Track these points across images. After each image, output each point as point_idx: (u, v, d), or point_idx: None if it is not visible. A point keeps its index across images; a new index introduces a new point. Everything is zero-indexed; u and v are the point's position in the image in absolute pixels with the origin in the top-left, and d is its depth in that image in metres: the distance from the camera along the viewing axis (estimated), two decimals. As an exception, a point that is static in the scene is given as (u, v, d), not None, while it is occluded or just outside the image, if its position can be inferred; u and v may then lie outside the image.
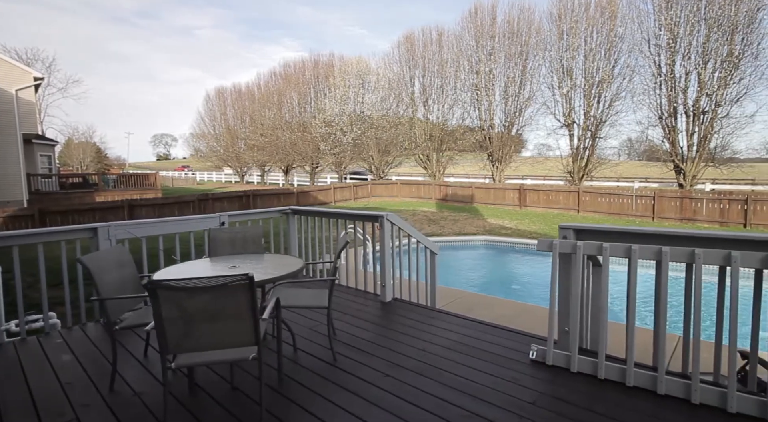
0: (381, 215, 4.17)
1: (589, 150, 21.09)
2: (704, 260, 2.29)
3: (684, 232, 2.48)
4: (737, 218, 14.04)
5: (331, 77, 26.96)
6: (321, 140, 25.68)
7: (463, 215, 17.41)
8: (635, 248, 2.49)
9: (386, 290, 4.18)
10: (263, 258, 3.30)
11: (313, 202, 20.69)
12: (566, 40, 20.64)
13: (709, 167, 18.01)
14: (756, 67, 16.51)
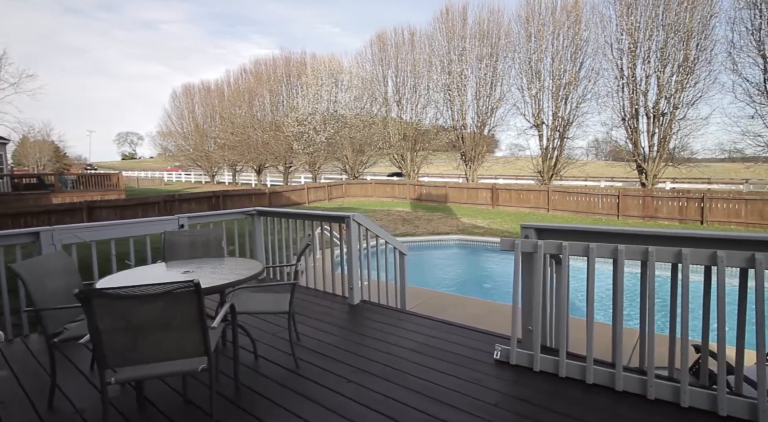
0: (347, 215, 4.09)
1: (558, 150, 21.69)
2: (657, 258, 2.34)
3: (639, 231, 2.53)
4: (695, 216, 14.77)
5: (303, 75, 26.57)
6: (294, 140, 25.26)
7: (437, 215, 17.54)
8: (593, 246, 2.52)
9: (354, 293, 4.10)
10: (222, 262, 3.16)
11: (287, 202, 20.35)
12: (534, 42, 21.15)
13: (668, 166, 18.88)
14: (710, 71, 17.44)
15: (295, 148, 25.28)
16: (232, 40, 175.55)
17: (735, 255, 2.13)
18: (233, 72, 33.39)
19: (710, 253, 2.19)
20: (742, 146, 17.35)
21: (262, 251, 5.08)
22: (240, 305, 2.84)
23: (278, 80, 28.27)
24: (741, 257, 2.12)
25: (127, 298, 1.75)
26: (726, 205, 14.32)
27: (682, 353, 2.32)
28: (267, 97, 28.93)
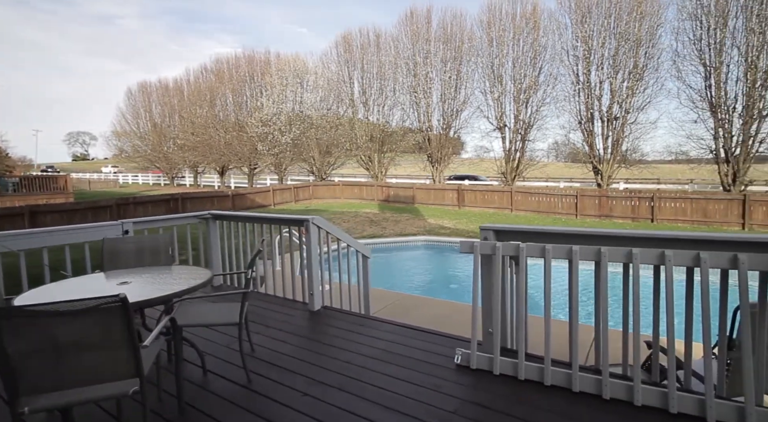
0: (306, 219, 3.94)
1: (520, 152, 22.35)
2: (609, 258, 2.38)
3: (593, 231, 2.56)
4: (646, 214, 15.62)
5: (267, 75, 25.93)
6: (258, 140, 24.56)
7: (404, 216, 17.58)
8: (549, 248, 2.53)
9: (314, 299, 3.96)
10: (169, 271, 2.93)
11: (251, 205, 19.74)
12: (496, 47, 21.71)
13: (622, 168, 19.90)
14: (657, 78, 18.57)
15: (259, 149, 24.60)
16: (195, 37, 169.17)
17: (682, 254, 2.18)
18: (193, 70, 32.15)
19: (659, 253, 2.23)
20: (687, 149, 18.58)
21: (219, 257, 4.83)
22: (186, 317, 2.64)
23: (241, 79, 27.43)
24: (687, 257, 2.17)
25: (43, 316, 1.55)
26: (673, 204, 15.24)
27: (634, 351, 2.37)
28: (230, 96, 28.02)
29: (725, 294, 2.20)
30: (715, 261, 2.11)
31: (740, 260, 2.04)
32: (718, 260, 2.10)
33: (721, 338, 2.32)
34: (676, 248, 2.21)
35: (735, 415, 2.00)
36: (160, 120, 36.26)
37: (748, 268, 2.04)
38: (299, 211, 19.37)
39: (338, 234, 4.28)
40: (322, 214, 18.26)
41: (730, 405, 2.03)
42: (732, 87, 16.58)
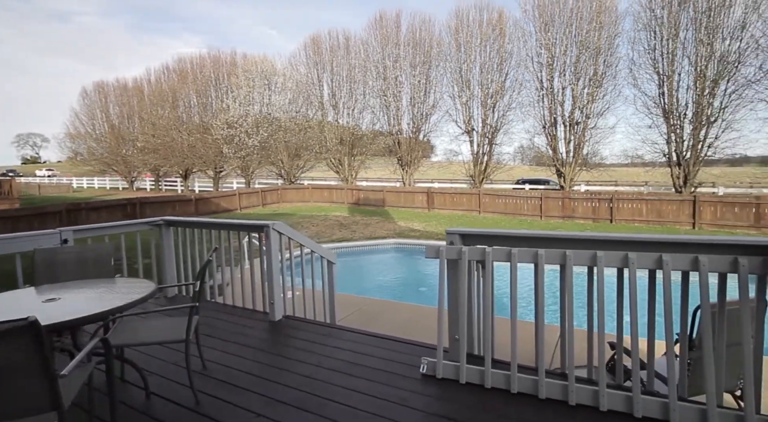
0: (266, 224, 3.74)
1: (488, 155, 22.79)
2: (575, 261, 2.35)
3: (558, 235, 2.53)
4: (605, 215, 16.25)
5: (233, 76, 25.18)
6: (224, 143, 23.77)
7: (374, 219, 17.47)
8: (515, 251, 2.48)
9: (275, 308, 3.76)
10: (107, 284, 2.67)
11: (216, 209, 19.04)
12: (463, 52, 22.08)
13: (583, 170, 20.66)
14: (615, 85, 19.46)
15: (225, 152, 23.79)
16: (159, 36, 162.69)
17: (645, 257, 2.18)
18: (154, 70, 30.74)
19: (622, 255, 2.22)
20: (642, 153, 19.54)
21: (173, 267, 4.52)
22: (124, 335, 2.39)
23: (206, 80, 26.49)
24: (650, 259, 2.17)
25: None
26: (630, 205, 15.94)
27: (598, 354, 2.35)
28: (194, 97, 27.00)
29: (686, 295, 2.22)
30: (677, 263, 2.11)
31: (701, 262, 2.05)
32: (679, 262, 2.11)
33: (682, 339, 2.33)
34: (639, 251, 2.22)
35: (697, 417, 2.00)
36: (118, 122, 34.45)
37: (709, 270, 2.05)
38: (266, 215, 18.86)
39: (301, 240, 4.10)
40: (291, 218, 17.87)
41: (692, 407, 2.03)
42: (683, 94, 17.61)
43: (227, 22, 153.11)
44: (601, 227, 15.29)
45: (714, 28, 16.33)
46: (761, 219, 13.95)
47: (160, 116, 26.18)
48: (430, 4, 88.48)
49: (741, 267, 1.99)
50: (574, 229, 14.84)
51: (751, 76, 16.37)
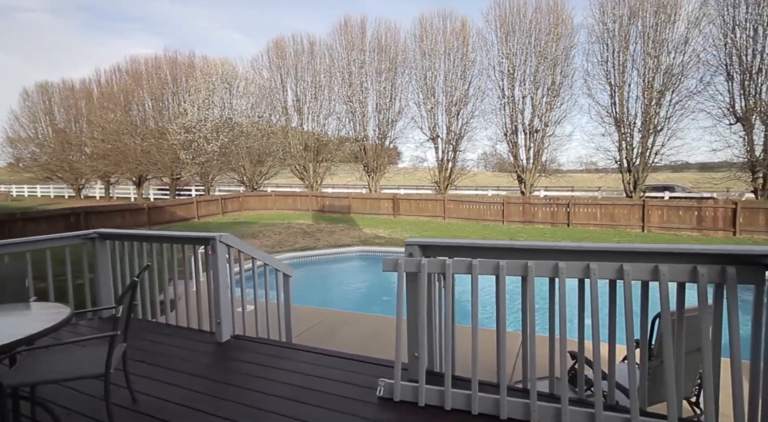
0: (212, 236, 3.44)
1: (452, 162, 23.09)
2: (536, 273, 2.26)
3: (521, 245, 2.44)
4: (563, 219, 16.82)
5: (191, 79, 24.14)
6: (181, 148, 22.64)
7: (339, 226, 17.18)
8: (476, 263, 2.36)
9: (222, 328, 3.45)
10: (16, 310, 2.30)
11: (171, 218, 18.04)
12: (428, 60, 22.34)
13: (542, 176, 21.35)
14: (571, 95, 20.31)
15: (182, 157, 22.65)
16: (113, 36, 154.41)
17: (606, 267, 2.12)
18: (105, 71, 28.94)
19: (584, 266, 2.16)
20: (596, 159, 20.50)
21: (109, 286, 4.10)
22: (35, 371, 2.05)
23: (162, 83, 25.21)
24: (611, 269, 2.11)
25: None
26: (586, 209, 16.58)
27: (561, 365, 2.27)
28: (148, 100, 25.62)
29: (646, 304, 2.18)
30: (638, 273, 2.07)
31: (661, 272, 2.01)
32: (640, 271, 2.07)
33: (642, 348, 2.29)
34: (599, 260, 2.16)
35: (660, 433, 1.93)
36: (64, 125, 32.12)
37: (669, 279, 2.02)
38: (226, 224, 18.11)
39: (252, 252, 3.81)
40: (252, 226, 17.23)
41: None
42: (633, 104, 18.63)
43: (189, 24, 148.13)
44: (560, 232, 15.77)
45: (660, 43, 17.42)
46: (702, 222, 14.90)
47: (111, 120, 24.58)
48: (394, 12, 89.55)
49: (700, 277, 1.97)
50: (535, 234, 15.22)
51: (692, 88, 17.60)
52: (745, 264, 1.95)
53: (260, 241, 13.71)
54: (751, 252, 1.96)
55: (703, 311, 2.00)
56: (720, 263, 1.98)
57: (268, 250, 12.10)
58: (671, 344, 2.08)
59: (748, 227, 14.20)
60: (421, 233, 15.52)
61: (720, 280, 1.97)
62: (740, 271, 1.94)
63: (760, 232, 14.02)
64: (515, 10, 20.08)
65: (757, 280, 1.95)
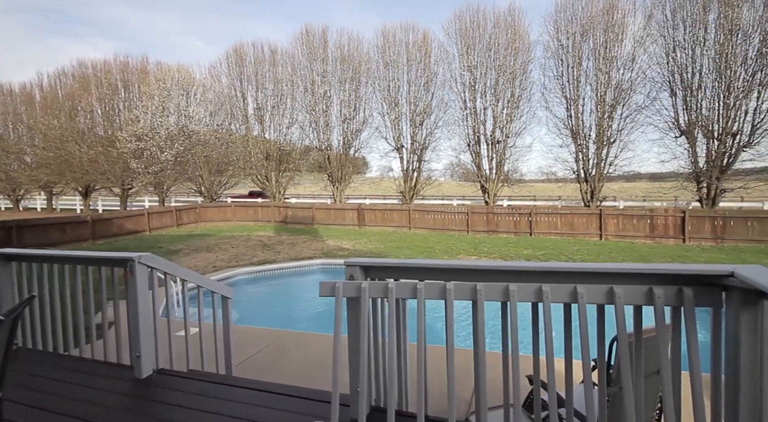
0: (130, 258, 3.00)
1: (417, 172, 23.14)
2: (486, 296, 2.04)
3: (471, 265, 2.22)
4: (526, 229, 17.12)
5: (144, 85, 22.91)
6: (132, 157, 21.31)
7: (302, 238, 16.65)
8: (421, 286, 2.11)
9: (142, 362, 2.99)
10: None
11: (119, 231, 16.82)
12: (391, 71, 22.42)
13: (505, 186, 21.77)
14: (530, 107, 20.95)
15: (133, 167, 21.30)
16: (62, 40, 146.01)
17: (559, 290, 1.93)
18: (48, 75, 26.97)
19: (536, 288, 1.96)
20: (555, 170, 21.17)
21: (12, 312, 3.51)
22: None
23: (112, 88, 23.76)
24: (565, 291, 1.92)
25: None
26: (547, 219, 16.97)
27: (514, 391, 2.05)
28: (97, 107, 24.04)
29: (602, 327, 2.01)
30: (592, 296, 1.89)
31: (616, 295, 1.83)
32: (595, 294, 1.89)
33: (600, 375, 2.11)
34: (552, 282, 1.97)
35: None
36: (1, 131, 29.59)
37: (624, 302, 1.85)
38: (180, 237, 17.11)
39: (181, 273, 3.39)
40: (208, 238, 16.36)
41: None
42: (587, 117, 19.43)
43: (149, 30, 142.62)
44: (523, 241, 16.01)
45: (610, 59, 18.33)
46: (654, 230, 15.58)
47: (54, 126, 22.79)
48: (357, 23, 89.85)
49: (657, 299, 1.81)
50: (498, 243, 15.35)
51: (641, 102, 18.62)
52: (702, 285, 1.82)
53: (216, 255, 12.97)
54: (708, 272, 1.82)
55: (661, 333, 1.85)
56: (677, 284, 1.83)
57: (224, 264, 11.44)
58: (629, 369, 1.93)
59: (696, 234, 14.96)
60: (386, 243, 15.27)
61: (677, 302, 1.83)
62: (697, 292, 1.79)
63: (707, 239, 14.81)
64: (475, 24, 20.58)
65: (714, 302, 1.80)
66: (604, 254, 12.81)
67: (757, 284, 1.56)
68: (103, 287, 3.28)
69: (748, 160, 17.33)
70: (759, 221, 14.31)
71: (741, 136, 16.92)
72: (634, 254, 12.63)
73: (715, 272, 1.79)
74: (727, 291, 1.71)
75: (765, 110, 16.37)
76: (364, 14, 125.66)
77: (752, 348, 1.69)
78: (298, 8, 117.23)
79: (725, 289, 1.74)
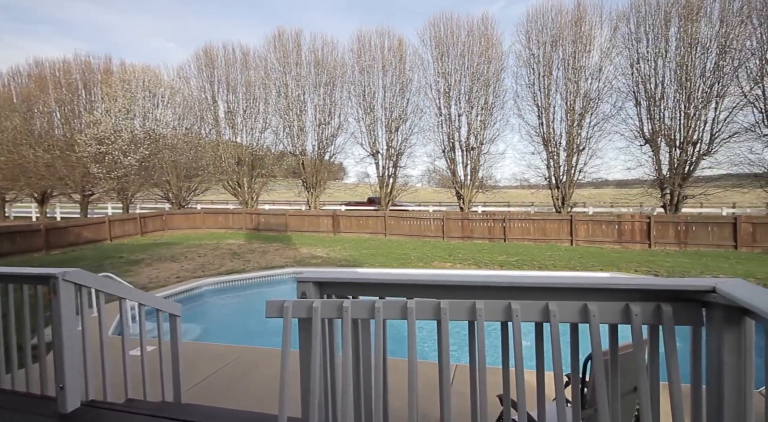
0: (52, 274, 2.63)
1: (393, 178, 22.99)
2: (451, 315, 1.83)
3: (436, 280, 2.00)
4: (500, 234, 17.22)
5: (105, 85, 21.80)
6: (92, 162, 20.15)
7: (274, 246, 16.15)
8: (379, 305, 1.88)
9: (67, 394, 2.61)
10: None
11: (76, 241, 15.81)
12: (366, 76, 22.29)
13: (479, 192, 21.93)
14: (503, 115, 21.25)
15: (94, 172, 20.14)
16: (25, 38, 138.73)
17: (530, 307, 1.74)
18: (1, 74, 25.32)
19: (505, 306, 1.76)
20: (528, 176, 21.48)
21: None
22: None
23: (72, 89, 22.51)
24: (536, 309, 1.73)
25: None
26: (520, 224, 17.14)
27: (481, 413, 1.85)
28: (55, 108, 22.69)
29: (576, 345, 1.83)
30: (566, 314, 1.71)
31: (591, 313, 1.66)
32: (568, 312, 1.70)
33: (574, 397, 1.94)
34: (523, 298, 1.78)
35: None
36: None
37: (600, 321, 1.67)
38: (144, 246, 16.27)
39: (118, 292, 3.02)
40: (174, 247, 15.62)
41: None
42: (558, 125, 19.86)
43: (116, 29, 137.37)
44: (497, 247, 16.07)
45: (578, 69, 18.84)
46: (622, 235, 15.98)
47: (6, 128, 21.30)
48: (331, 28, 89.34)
49: (634, 317, 1.64)
50: (473, 249, 15.34)
51: (608, 111, 19.21)
52: (682, 301, 1.67)
53: (181, 264, 12.34)
54: (687, 287, 1.67)
55: (638, 350, 1.69)
56: (655, 300, 1.68)
57: (188, 275, 10.87)
58: (605, 391, 1.76)
59: (661, 239, 15.42)
60: (360, 251, 14.99)
61: (655, 320, 1.67)
62: (676, 309, 1.64)
63: (671, 244, 15.28)
64: (449, 32, 20.77)
65: (693, 320, 1.65)
66: (575, 259, 12.96)
67: (740, 301, 1.41)
68: (26, 309, 2.89)
69: (707, 167, 18.13)
70: (718, 226, 14.90)
71: (701, 145, 17.68)
72: (603, 260, 12.83)
73: (695, 288, 1.64)
74: (708, 308, 1.56)
75: (722, 120, 17.21)
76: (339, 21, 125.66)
77: (736, 371, 1.54)
78: (274, 14, 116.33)
79: (705, 305, 1.57)
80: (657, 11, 17.65)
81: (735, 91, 16.77)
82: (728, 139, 17.19)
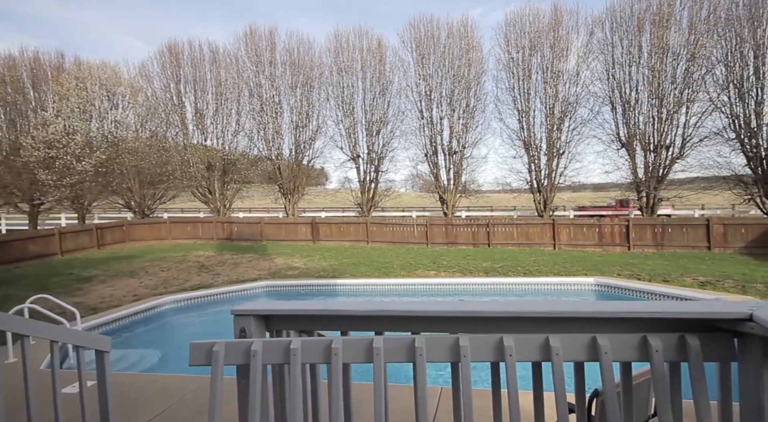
0: None
1: (374, 183, 22.31)
2: (429, 356, 1.27)
3: (408, 311, 1.45)
4: (484, 240, 16.80)
5: (56, 84, 20.18)
6: (41, 167, 18.42)
7: (247, 257, 15.15)
8: (337, 345, 1.26)
9: None
10: None
11: (21, 256, 14.29)
12: (345, 77, 21.64)
13: (462, 197, 21.56)
14: (484, 118, 21.06)
15: (42, 178, 18.41)
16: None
17: (526, 343, 1.34)
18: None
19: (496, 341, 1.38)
20: (510, 180, 21.29)
21: None
22: None
23: (18, 87, 20.67)
24: (534, 345, 1.32)
25: None
26: (504, 229, 16.78)
27: None
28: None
29: (582, 389, 1.41)
30: (570, 350, 1.32)
31: (602, 348, 1.29)
32: (573, 347, 1.32)
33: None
34: (516, 331, 1.35)
35: None
36: None
37: (612, 358, 1.29)
38: (100, 260, 14.95)
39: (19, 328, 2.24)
40: (134, 261, 14.38)
41: None
42: (538, 129, 19.76)
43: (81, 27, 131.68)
44: (481, 252, 15.60)
45: (556, 74, 18.83)
46: (603, 238, 15.84)
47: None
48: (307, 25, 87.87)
49: (654, 353, 1.27)
50: (458, 256, 14.78)
51: (585, 116, 19.26)
52: (710, 331, 1.27)
53: (140, 281, 11.23)
54: (719, 316, 1.24)
55: (661, 395, 1.19)
56: (677, 330, 1.29)
57: (148, 292, 9.83)
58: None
59: (639, 241, 15.36)
60: (341, 260, 14.21)
61: (679, 357, 1.27)
62: (705, 341, 1.24)
63: (649, 246, 15.23)
64: (429, 33, 20.44)
65: (724, 355, 1.24)
66: (559, 264, 12.61)
67: None
68: None
69: (680, 171, 18.39)
70: (692, 228, 14.99)
71: (673, 148, 17.90)
72: (587, 264, 12.54)
73: (727, 316, 1.22)
74: (742, 340, 1.23)
75: (692, 124, 17.50)
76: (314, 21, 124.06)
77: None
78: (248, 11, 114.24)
79: (738, 336, 1.23)
80: (631, 18, 17.86)
81: (704, 97, 17.10)
82: (698, 143, 17.50)
